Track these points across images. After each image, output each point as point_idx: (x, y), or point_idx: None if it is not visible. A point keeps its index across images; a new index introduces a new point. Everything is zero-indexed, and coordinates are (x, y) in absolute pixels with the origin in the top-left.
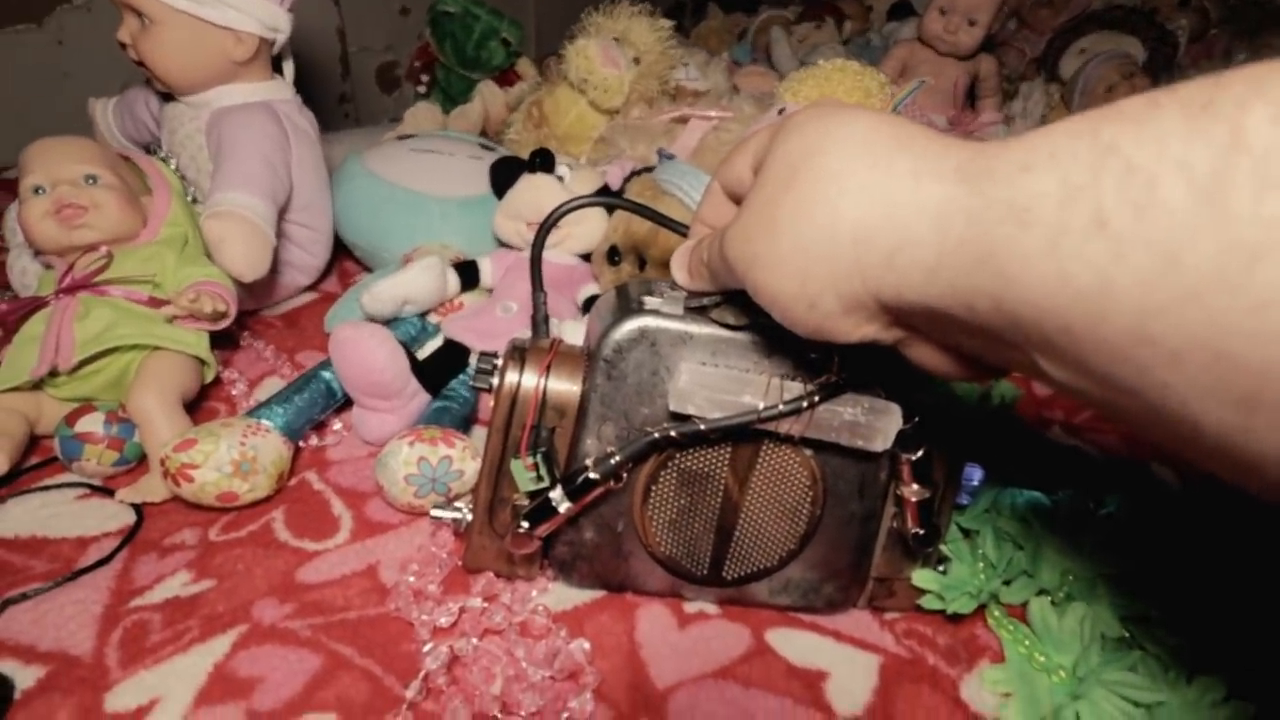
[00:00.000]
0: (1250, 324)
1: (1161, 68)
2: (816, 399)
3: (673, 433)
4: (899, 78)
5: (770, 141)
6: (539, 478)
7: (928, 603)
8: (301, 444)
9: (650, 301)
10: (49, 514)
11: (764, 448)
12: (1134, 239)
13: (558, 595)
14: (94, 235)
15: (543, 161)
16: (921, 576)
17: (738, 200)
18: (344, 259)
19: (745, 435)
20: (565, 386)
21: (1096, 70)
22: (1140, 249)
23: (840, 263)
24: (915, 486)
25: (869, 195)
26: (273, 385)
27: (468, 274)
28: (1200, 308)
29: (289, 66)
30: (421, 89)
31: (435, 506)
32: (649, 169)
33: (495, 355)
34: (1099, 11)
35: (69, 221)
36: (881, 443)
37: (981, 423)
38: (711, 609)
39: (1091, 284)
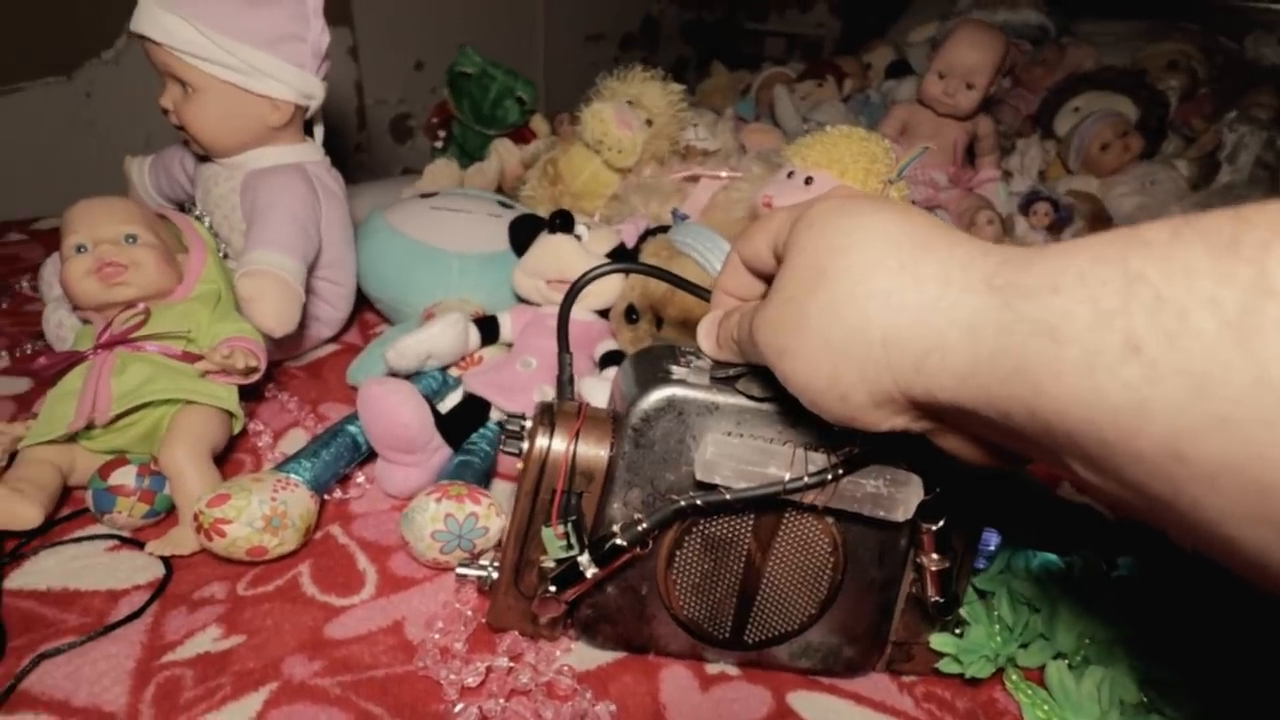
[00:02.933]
0: None
1: (1154, 126)
2: (840, 471)
3: (699, 501)
4: (899, 137)
5: (790, 230)
6: (569, 545)
7: (946, 666)
8: (326, 497)
9: (677, 371)
10: (80, 565)
11: (787, 515)
12: (1167, 365)
13: (580, 655)
14: (132, 292)
15: (562, 223)
16: (939, 640)
17: (756, 273)
18: (364, 311)
19: (769, 504)
20: (594, 452)
21: (1091, 128)
22: (1173, 374)
23: (870, 362)
24: (936, 556)
25: (897, 299)
26: (296, 436)
27: (488, 329)
28: (1233, 435)
29: (319, 129)
30: (439, 144)
31: (461, 564)
32: (663, 228)
33: (522, 417)
34: (1091, 72)
35: (109, 279)
36: (903, 513)
37: (995, 484)
38: (733, 670)
39: (1127, 402)
